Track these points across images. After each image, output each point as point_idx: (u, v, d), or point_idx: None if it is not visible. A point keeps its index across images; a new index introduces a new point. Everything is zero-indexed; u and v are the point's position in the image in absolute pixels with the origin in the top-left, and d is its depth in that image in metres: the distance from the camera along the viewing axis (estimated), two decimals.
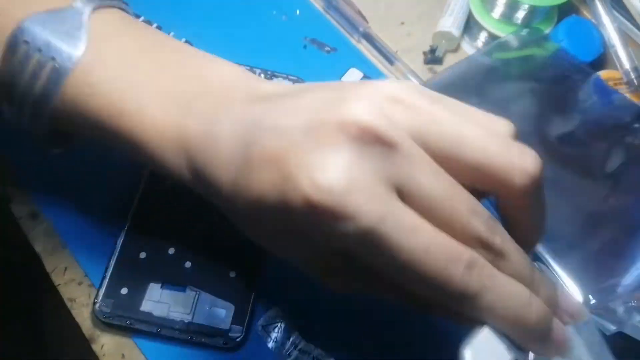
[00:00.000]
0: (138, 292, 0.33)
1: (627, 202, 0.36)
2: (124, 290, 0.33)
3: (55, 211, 0.36)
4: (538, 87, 0.39)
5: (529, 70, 0.41)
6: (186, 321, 0.32)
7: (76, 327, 0.34)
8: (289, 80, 0.41)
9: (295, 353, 0.33)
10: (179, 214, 0.35)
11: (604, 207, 0.36)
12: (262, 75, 0.41)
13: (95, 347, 0.33)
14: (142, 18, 0.38)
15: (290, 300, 0.35)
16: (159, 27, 0.40)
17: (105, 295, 0.33)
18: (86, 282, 0.35)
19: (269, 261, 0.35)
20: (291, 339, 0.34)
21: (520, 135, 0.23)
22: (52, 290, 0.35)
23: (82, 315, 0.34)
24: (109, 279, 0.33)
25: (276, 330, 0.34)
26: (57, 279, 0.35)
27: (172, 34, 0.41)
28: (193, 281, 0.33)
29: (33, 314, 0.73)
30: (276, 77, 0.40)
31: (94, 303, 0.32)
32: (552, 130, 0.38)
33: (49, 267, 0.35)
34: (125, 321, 0.32)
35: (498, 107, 0.38)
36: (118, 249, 0.34)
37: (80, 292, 0.34)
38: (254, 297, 0.34)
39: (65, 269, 0.35)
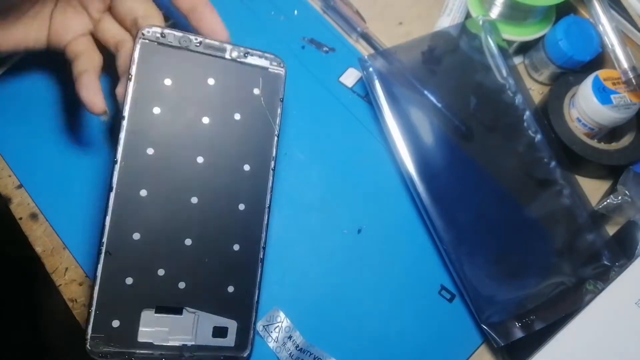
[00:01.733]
0: (131, 323, 0.29)
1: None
2: (115, 323, 0.29)
3: (55, 212, 0.36)
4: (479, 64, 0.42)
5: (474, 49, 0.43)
6: (189, 344, 0.30)
7: (77, 327, 0.34)
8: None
9: (296, 353, 0.33)
10: (163, 230, 0.31)
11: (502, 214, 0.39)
12: None
13: None
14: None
15: (291, 300, 0.35)
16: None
17: (95, 330, 0.29)
18: (87, 282, 0.35)
19: (267, 262, 0.35)
20: (292, 339, 0.34)
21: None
22: (53, 291, 0.35)
23: (84, 315, 0.34)
24: (95, 312, 0.29)
25: (277, 330, 0.34)
26: (58, 279, 0.35)
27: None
28: (190, 302, 0.31)
29: (34, 315, 0.73)
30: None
31: (85, 340, 0.29)
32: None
33: (49, 267, 0.35)
34: (124, 356, 0.29)
35: (446, 74, 0.42)
36: (99, 278, 0.29)
37: (81, 293, 0.35)
38: (256, 310, 0.32)
39: (66, 269, 0.35)
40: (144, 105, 0.31)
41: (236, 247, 0.32)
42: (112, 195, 0.30)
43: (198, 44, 0.33)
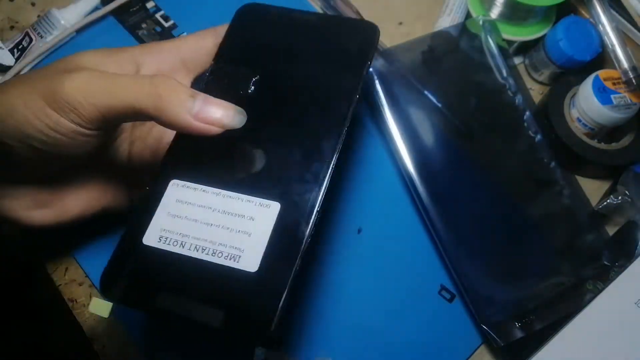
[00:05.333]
0: None
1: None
2: None
3: None
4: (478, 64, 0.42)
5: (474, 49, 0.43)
6: None
7: (77, 327, 0.34)
8: None
9: None
10: None
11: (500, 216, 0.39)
12: None
13: (96, 347, 0.33)
14: (161, 12, 0.44)
15: None
16: (174, 26, 0.44)
17: None
18: (87, 282, 0.35)
19: None
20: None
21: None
22: (53, 291, 0.35)
23: (83, 315, 0.34)
24: None
25: None
26: (58, 279, 0.35)
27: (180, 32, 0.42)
28: None
29: (34, 315, 0.73)
30: None
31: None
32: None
33: (50, 267, 0.35)
34: None
35: (446, 74, 0.42)
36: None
37: (81, 293, 0.35)
38: None
39: (66, 269, 0.35)
40: None
41: None
42: None
43: None
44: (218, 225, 0.24)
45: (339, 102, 0.28)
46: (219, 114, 0.24)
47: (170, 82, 0.24)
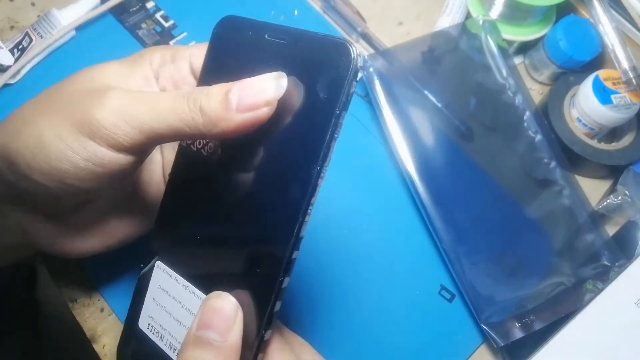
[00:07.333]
0: None
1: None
2: None
3: None
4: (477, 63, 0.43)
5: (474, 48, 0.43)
6: None
7: (77, 327, 0.34)
8: None
9: None
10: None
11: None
12: None
13: (96, 347, 0.33)
14: (161, 12, 0.45)
15: (289, 300, 0.35)
16: (174, 25, 0.44)
17: None
18: (87, 283, 0.35)
19: None
20: None
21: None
22: (54, 291, 0.35)
23: (83, 315, 0.34)
24: None
25: None
26: (59, 279, 0.35)
27: (180, 32, 0.42)
28: None
29: (34, 315, 0.73)
30: None
31: None
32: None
33: (50, 268, 0.35)
34: None
35: (446, 74, 0.43)
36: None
37: (82, 293, 0.35)
38: None
39: (67, 269, 0.35)
40: None
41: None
42: None
43: None
44: (184, 326, 0.24)
45: (297, 185, 0.24)
46: (258, 95, 0.21)
47: (205, 93, 0.22)
